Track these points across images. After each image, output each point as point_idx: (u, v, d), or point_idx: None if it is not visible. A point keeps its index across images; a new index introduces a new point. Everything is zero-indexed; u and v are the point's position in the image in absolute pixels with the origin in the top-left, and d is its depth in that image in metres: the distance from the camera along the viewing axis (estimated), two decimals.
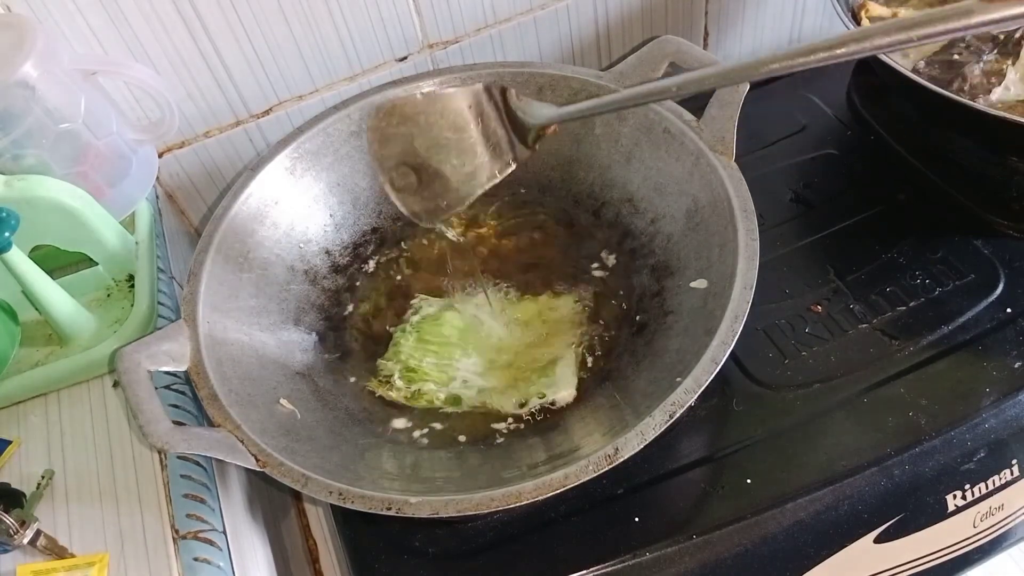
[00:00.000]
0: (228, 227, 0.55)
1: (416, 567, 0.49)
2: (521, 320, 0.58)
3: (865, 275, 0.59)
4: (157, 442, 0.42)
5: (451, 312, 0.58)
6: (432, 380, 0.55)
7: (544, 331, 0.57)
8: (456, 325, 0.57)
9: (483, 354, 0.56)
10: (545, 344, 0.56)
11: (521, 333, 0.57)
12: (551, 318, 0.57)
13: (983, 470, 0.52)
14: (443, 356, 0.56)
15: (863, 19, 0.66)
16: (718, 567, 0.48)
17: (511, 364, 0.56)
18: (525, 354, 0.56)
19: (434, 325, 0.57)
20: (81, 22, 0.54)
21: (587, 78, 0.61)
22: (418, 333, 0.57)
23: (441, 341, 0.56)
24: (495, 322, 0.58)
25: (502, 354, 0.56)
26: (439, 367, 0.55)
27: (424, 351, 0.56)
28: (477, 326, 0.57)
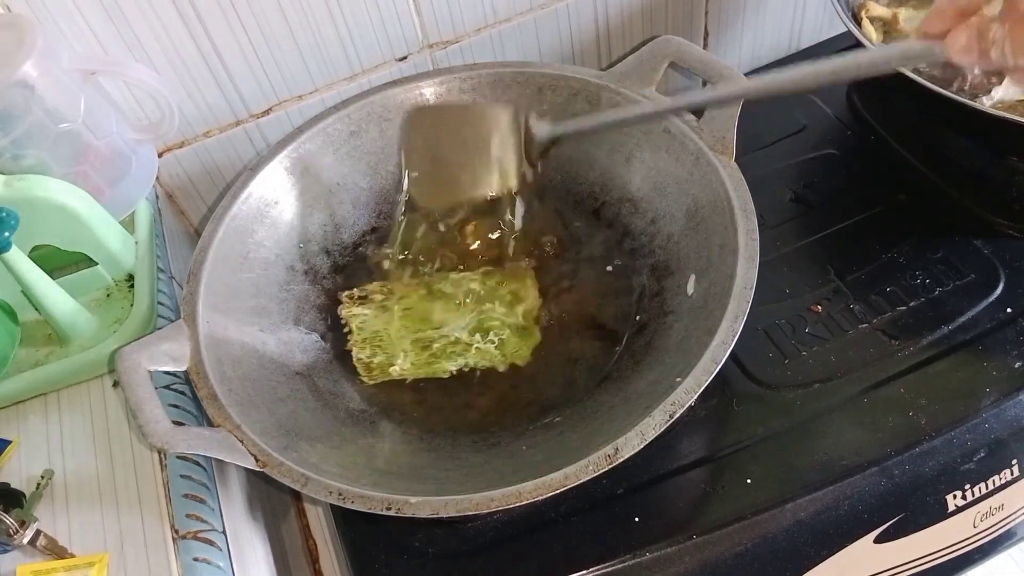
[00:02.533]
0: (228, 227, 0.55)
1: (416, 567, 0.49)
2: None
3: (865, 275, 0.59)
4: (157, 442, 0.42)
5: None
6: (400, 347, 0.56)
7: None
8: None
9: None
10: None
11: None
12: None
13: (983, 470, 0.52)
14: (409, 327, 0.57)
15: (863, 19, 0.66)
16: (718, 567, 0.48)
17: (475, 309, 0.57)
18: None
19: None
20: (81, 22, 0.54)
21: (587, 78, 0.61)
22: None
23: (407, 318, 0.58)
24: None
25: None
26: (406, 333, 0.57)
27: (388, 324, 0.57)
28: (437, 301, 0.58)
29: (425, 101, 0.62)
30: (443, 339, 0.55)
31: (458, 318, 0.55)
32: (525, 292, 0.56)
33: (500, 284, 0.56)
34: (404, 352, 0.55)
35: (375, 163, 0.63)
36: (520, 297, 0.55)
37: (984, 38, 0.34)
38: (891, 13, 0.67)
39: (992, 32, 0.34)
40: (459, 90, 0.62)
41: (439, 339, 0.55)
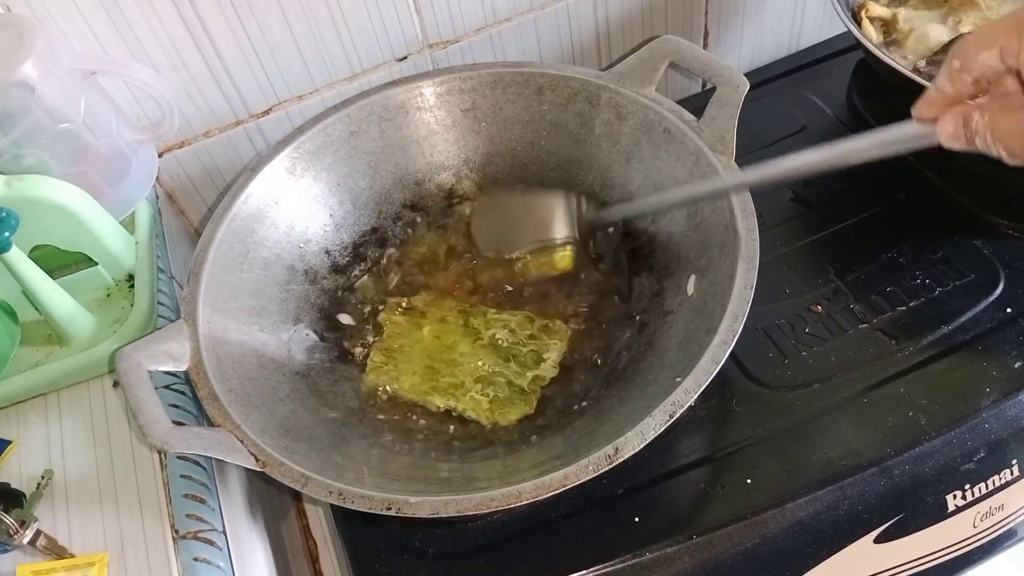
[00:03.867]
0: (228, 227, 0.55)
1: (416, 567, 0.49)
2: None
3: (865, 275, 0.59)
4: (157, 442, 0.42)
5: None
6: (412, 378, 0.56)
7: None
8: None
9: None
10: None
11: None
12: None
13: (983, 470, 0.52)
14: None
15: (863, 19, 0.66)
16: (718, 567, 0.48)
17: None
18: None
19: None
20: (81, 22, 0.54)
21: (587, 78, 0.61)
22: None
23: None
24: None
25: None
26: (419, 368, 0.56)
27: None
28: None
29: (425, 101, 0.62)
30: (450, 376, 0.55)
31: (475, 359, 0.55)
32: (547, 355, 0.55)
33: (531, 338, 0.56)
34: (413, 373, 0.55)
35: (375, 163, 0.63)
36: (540, 359, 0.55)
37: (968, 127, 0.35)
38: (891, 13, 0.67)
39: (974, 121, 0.35)
40: (459, 90, 0.62)
41: (446, 374, 0.55)
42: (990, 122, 0.34)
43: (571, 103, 0.62)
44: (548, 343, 0.56)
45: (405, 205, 0.64)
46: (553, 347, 0.55)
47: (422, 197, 0.64)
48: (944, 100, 0.37)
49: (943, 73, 0.37)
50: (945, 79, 0.37)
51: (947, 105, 0.36)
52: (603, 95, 0.60)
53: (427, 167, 0.64)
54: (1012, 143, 0.33)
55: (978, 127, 0.34)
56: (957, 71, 0.36)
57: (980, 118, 0.34)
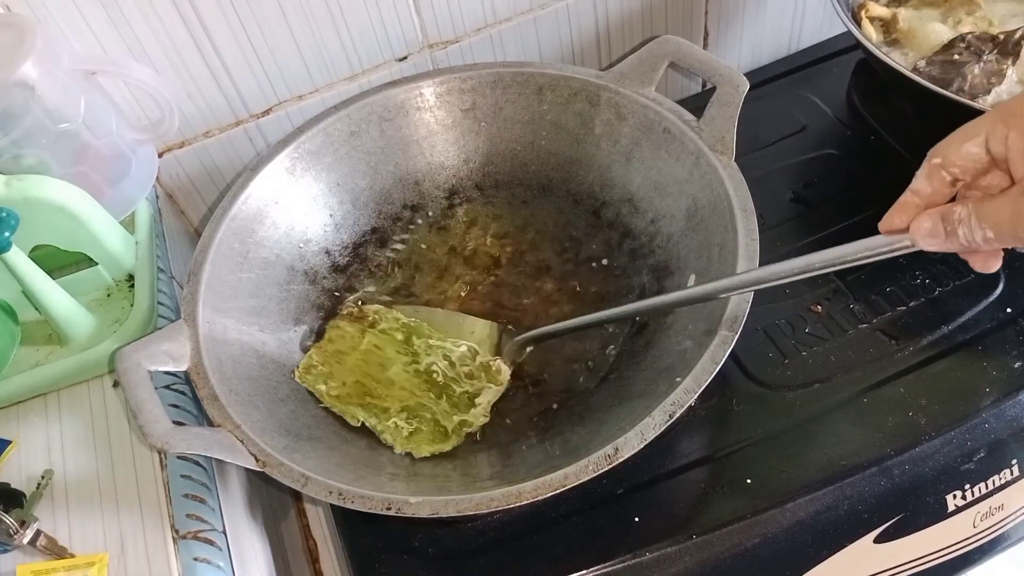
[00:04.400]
0: (228, 227, 0.55)
1: (416, 567, 0.49)
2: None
3: (865, 275, 0.59)
4: (157, 442, 0.42)
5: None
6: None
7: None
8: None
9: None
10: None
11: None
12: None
13: (983, 470, 0.52)
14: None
15: (863, 19, 0.66)
16: (718, 567, 0.48)
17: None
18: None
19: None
20: (81, 22, 0.54)
21: (587, 78, 0.61)
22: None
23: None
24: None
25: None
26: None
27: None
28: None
29: (425, 101, 0.62)
30: (379, 399, 0.53)
31: (406, 385, 0.54)
32: (480, 400, 0.53)
33: (468, 377, 0.54)
34: (342, 383, 0.54)
35: (375, 163, 0.63)
36: (472, 403, 0.52)
37: (949, 220, 0.35)
38: (891, 13, 0.67)
39: (956, 213, 0.35)
40: (459, 90, 0.62)
41: (375, 395, 0.53)
42: (975, 209, 0.34)
43: (571, 103, 0.62)
44: (484, 386, 0.54)
45: (405, 205, 0.64)
46: (488, 391, 0.53)
47: (422, 197, 0.64)
48: (918, 204, 0.37)
49: (920, 175, 0.37)
50: (923, 179, 0.37)
51: (920, 209, 0.37)
52: (603, 95, 0.60)
53: (427, 167, 0.64)
54: (1000, 222, 0.34)
55: (961, 216, 0.35)
56: (936, 167, 0.37)
57: (963, 209, 0.35)
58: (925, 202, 0.37)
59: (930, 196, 0.37)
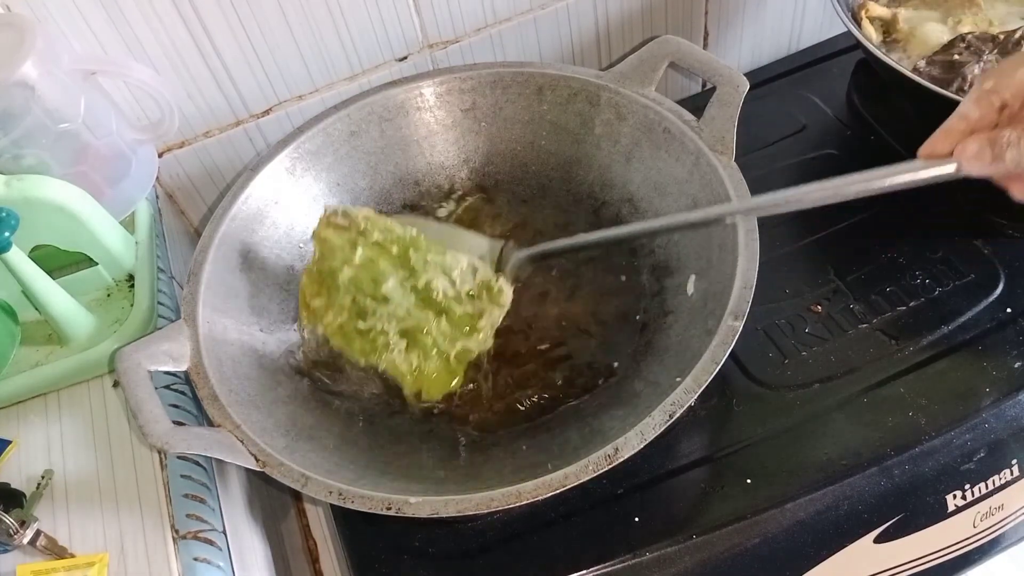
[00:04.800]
0: (228, 227, 0.55)
1: (416, 567, 0.49)
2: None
3: (865, 275, 0.59)
4: (157, 442, 0.42)
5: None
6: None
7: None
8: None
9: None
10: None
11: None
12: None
13: (983, 470, 0.52)
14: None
15: (863, 19, 0.66)
16: (718, 567, 0.48)
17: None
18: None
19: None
20: (81, 22, 0.54)
21: (587, 78, 0.61)
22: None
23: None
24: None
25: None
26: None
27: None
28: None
29: (425, 101, 0.62)
30: (376, 319, 0.50)
31: (404, 300, 0.50)
32: (482, 324, 0.49)
33: (469, 296, 0.50)
34: (341, 307, 0.51)
35: (375, 163, 0.63)
36: (474, 328, 0.49)
37: (997, 143, 0.35)
38: (891, 13, 0.67)
39: (1006, 136, 0.35)
40: (459, 90, 0.62)
41: (372, 316, 0.50)
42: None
43: (571, 103, 0.62)
44: (485, 307, 0.50)
45: (405, 205, 0.64)
46: (491, 313, 0.50)
47: (422, 197, 0.64)
48: (963, 129, 0.38)
49: (968, 100, 0.38)
50: (972, 104, 0.38)
51: (965, 135, 0.37)
52: (603, 95, 0.60)
53: (427, 167, 0.64)
54: None
55: (1010, 139, 0.35)
56: (987, 92, 0.37)
57: (1012, 132, 0.35)
58: (971, 127, 0.37)
59: (976, 121, 0.37)
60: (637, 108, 0.59)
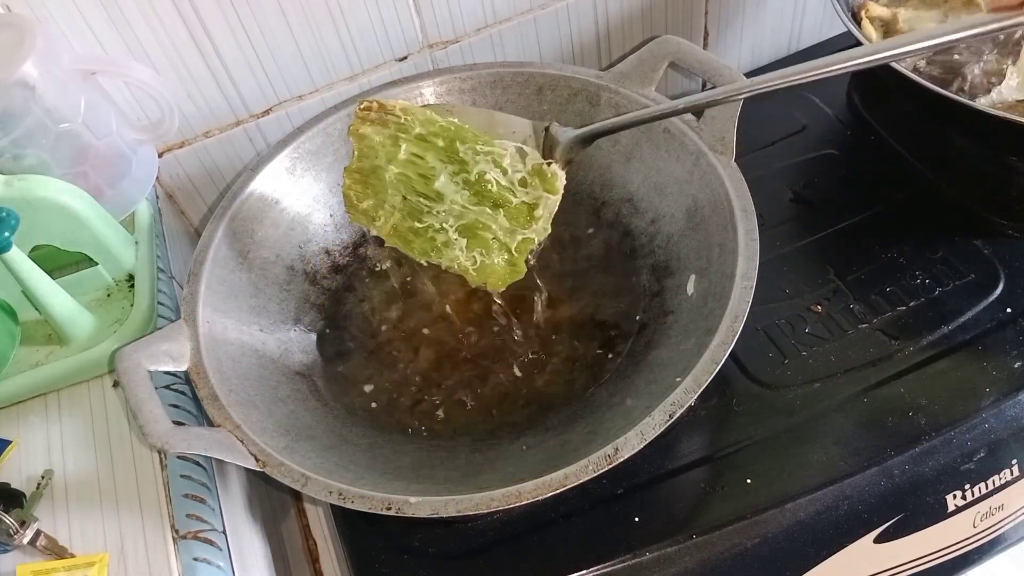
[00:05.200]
0: (228, 227, 0.55)
1: (416, 567, 0.49)
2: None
3: (865, 275, 0.59)
4: (157, 442, 0.42)
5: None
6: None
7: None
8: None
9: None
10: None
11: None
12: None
13: (983, 470, 0.52)
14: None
15: (863, 19, 0.66)
16: (718, 567, 0.48)
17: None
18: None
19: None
20: (81, 22, 0.54)
21: (587, 78, 0.61)
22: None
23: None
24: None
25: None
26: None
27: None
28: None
29: (425, 101, 0.62)
30: (432, 217, 0.48)
31: (457, 197, 0.48)
32: (539, 212, 0.47)
33: (522, 183, 0.47)
34: (392, 208, 0.49)
35: None
36: (532, 218, 0.47)
37: None
38: (891, 13, 0.67)
39: None
40: (459, 90, 0.62)
41: (428, 214, 0.48)
42: None
43: (571, 103, 0.62)
44: (540, 195, 0.48)
45: None
46: (547, 201, 0.48)
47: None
48: None
49: None
50: None
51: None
52: (603, 95, 0.60)
53: None
54: None
55: None
56: None
57: None
58: None
59: None
60: (637, 108, 0.59)
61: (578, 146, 0.49)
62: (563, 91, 0.61)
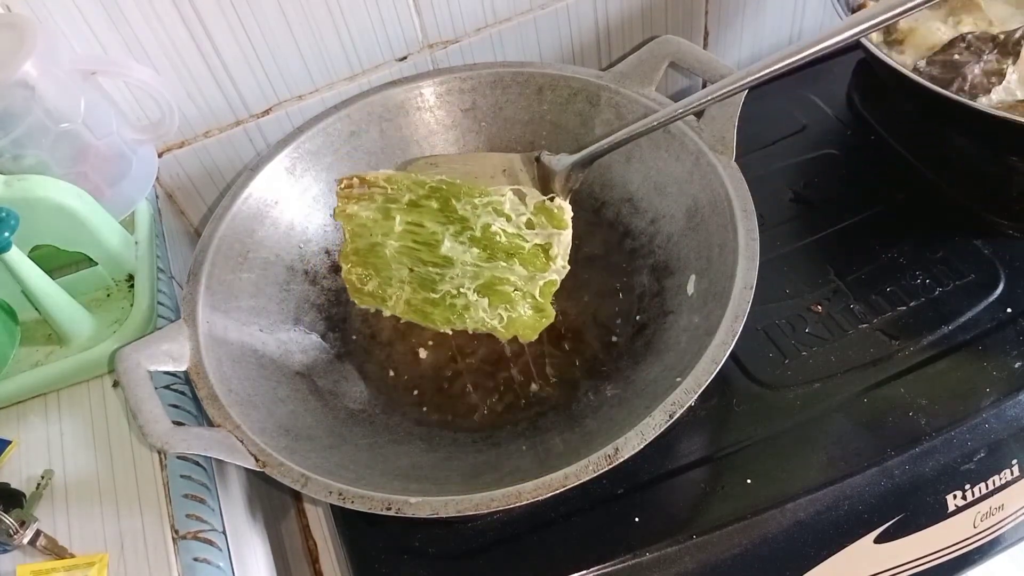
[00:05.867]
0: (228, 227, 0.55)
1: (416, 567, 0.49)
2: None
3: (865, 275, 0.59)
4: (157, 442, 0.42)
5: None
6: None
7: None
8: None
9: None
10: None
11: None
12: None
13: (983, 470, 0.52)
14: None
15: None
16: (718, 567, 0.48)
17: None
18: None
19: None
20: (81, 22, 0.54)
21: (587, 78, 0.61)
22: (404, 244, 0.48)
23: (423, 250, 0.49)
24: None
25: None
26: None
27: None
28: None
29: (425, 101, 0.62)
30: (446, 283, 0.46)
31: (467, 258, 0.46)
32: (555, 251, 0.45)
33: (529, 225, 0.45)
34: (401, 283, 0.47)
35: (375, 163, 0.62)
36: (548, 258, 0.45)
37: None
38: None
39: None
40: (459, 90, 0.62)
41: (441, 282, 0.46)
42: None
43: (571, 103, 0.62)
44: (551, 233, 0.46)
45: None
46: (559, 237, 0.46)
47: None
48: None
49: None
50: None
51: None
52: (603, 95, 0.60)
53: None
54: None
55: None
56: None
57: None
58: None
59: None
60: (637, 108, 0.59)
61: (576, 172, 0.48)
62: (563, 91, 0.61)
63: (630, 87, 0.59)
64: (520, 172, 0.47)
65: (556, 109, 0.62)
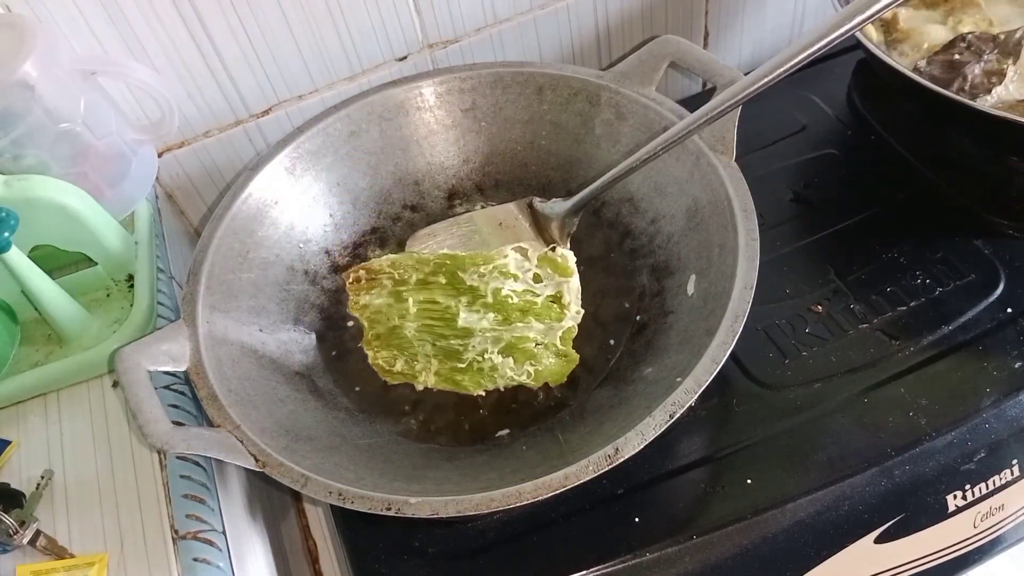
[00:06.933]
0: (228, 227, 0.55)
1: (416, 567, 0.49)
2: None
3: (865, 275, 0.59)
4: (156, 442, 0.42)
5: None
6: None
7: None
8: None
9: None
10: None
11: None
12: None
13: (983, 470, 0.52)
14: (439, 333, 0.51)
15: None
16: (718, 567, 0.48)
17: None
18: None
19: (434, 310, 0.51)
20: (81, 22, 0.54)
21: (587, 78, 0.61)
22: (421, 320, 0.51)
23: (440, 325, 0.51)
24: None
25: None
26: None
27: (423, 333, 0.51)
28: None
29: (425, 101, 0.62)
30: (470, 352, 0.49)
31: (484, 326, 0.48)
32: (567, 299, 0.47)
33: (538, 280, 0.48)
34: (427, 357, 0.50)
35: (375, 163, 0.63)
36: (562, 307, 0.47)
37: None
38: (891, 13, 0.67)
39: None
40: (459, 90, 0.62)
41: (465, 351, 0.49)
42: None
43: (571, 103, 0.62)
44: (560, 282, 0.48)
45: (405, 205, 0.64)
46: (568, 286, 0.48)
47: (422, 197, 0.64)
48: None
49: None
50: None
51: None
52: (603, 95, 0.60)
53: (427, 167, 0.64)
54: None
55: None
56: None
57: None
58: None
59: None
60: (637, 108, 0.59)
61: (571, 218, 0.49)
62: (563, 91, 0.61)
63: (630, 87, 0.59)
64: (517, 221, 0.50)
65: (556, 109, 0.62)
